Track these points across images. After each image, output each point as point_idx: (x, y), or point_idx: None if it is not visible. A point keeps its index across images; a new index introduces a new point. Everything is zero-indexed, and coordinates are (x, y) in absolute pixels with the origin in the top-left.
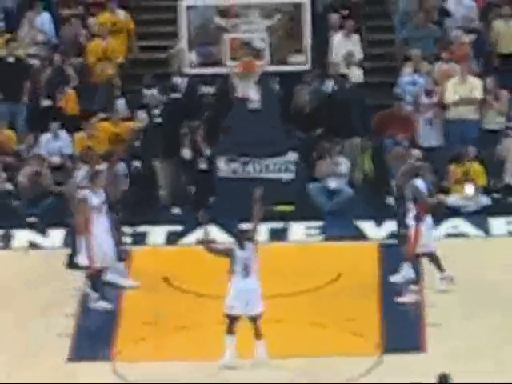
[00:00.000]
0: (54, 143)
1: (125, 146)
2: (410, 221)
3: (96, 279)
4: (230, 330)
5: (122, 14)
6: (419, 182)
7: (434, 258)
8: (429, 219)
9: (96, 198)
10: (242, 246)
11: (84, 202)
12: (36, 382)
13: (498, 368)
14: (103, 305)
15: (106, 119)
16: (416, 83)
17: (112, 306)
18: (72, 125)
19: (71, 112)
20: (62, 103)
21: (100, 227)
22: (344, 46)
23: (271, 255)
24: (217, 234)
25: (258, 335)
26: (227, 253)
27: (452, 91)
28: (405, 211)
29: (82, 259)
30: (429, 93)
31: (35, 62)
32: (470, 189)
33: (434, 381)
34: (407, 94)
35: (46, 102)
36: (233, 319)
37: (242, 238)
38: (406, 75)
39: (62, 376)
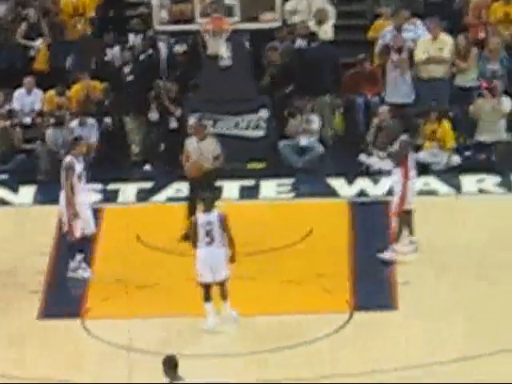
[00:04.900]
0: (28, 98)
1: (96, 104)
2: (397, 177)
3: (76, 247)
4: (206, 297)
5: None
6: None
7: (409, 217)
8: (414, 176)
9: (79, 165)
10: (206, 210)
11: (71, 168)
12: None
13: (467, 326)
14: (82, 274)
15: (77, 79)
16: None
17: (90, 275)
18: (43, 82)
19: (42, 69)
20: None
21: (81, 195)
22: (314, 3)
23: (242, 213)
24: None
25: (224, 296)
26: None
27: (422, 50)
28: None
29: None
30: (398, 50)
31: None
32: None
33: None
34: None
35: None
36: (205, 286)
37: (208, 202)
38: (387, 32)
39: (33, 333)
